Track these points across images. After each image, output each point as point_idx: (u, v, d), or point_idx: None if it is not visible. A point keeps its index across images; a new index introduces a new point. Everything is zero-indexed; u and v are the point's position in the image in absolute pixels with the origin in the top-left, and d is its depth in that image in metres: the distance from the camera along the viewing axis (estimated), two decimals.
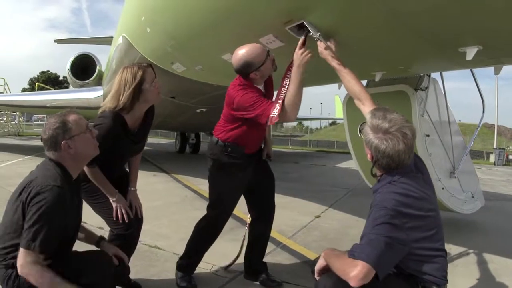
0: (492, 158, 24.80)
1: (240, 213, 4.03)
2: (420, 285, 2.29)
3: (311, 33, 3.09)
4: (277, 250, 4.85)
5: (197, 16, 4.17)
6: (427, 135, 5.39)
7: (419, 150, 4.90)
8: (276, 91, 3.41)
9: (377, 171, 2.45)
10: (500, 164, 23.26)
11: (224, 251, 4.29)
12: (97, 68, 22.20)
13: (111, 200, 3.23)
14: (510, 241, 5.91)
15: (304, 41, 3.17)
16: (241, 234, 4.09)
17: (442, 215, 2.42)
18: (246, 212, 4.00)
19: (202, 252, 3.80)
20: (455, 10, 2.67)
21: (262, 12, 3.38)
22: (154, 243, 4.85)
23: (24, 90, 73.53)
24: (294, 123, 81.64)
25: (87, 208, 3.26)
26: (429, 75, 5.41)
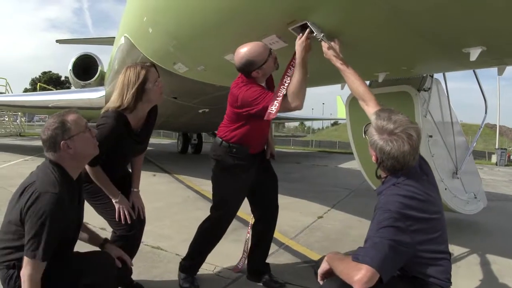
0: (494, 159, 24.76)
1: (243, 214, 4.01)
2: None
3: (314, 34, 3.08)
4: (279, 251, 4.85)
5: (199, 16, 4.16)
6: (430, 136, 5.38)
7: (422, 151, 4.88)
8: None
9: (382, 173, 2.44)
10: (502, 165, 23.23)
11: (227, 252, 4.28)
12: (99, 68, 22.26)
13: (113, 201, 3.21)
14: None
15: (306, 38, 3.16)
16: (243, 235, 4.07)
17: (444, 215, 2.41)
18: (249, 213, 4.00)
19: (205, 253, 3.78)
20: (459, 11, 2.66)
21: (265, 12, 3.36)
22: (156, 244, 4.84)
23: (26, 90, 73.64)
24: (296, 123, 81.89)
25: (89, 208, 3.26)
26: (432, 76, 5.40)
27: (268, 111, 3.12)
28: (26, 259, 2.29)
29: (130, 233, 3.24)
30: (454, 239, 5.08)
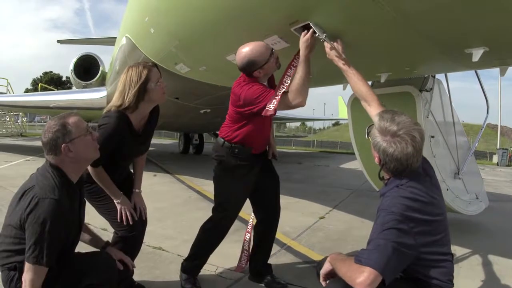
0: (495, 159, 24.73)
1: (245, 214, 4.00)
2: None
3: (317, 34, 3.08)
4: (281, 252, 4.84)
5: (201, 16, 4.16)
6: (432, 136, 5.38)
7: (424, 152, 4.88)
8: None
9: (385, 174, 2.43)
10: (503, 165, 23.20)
11: (229, 252, 4.26)
12: (100, 68, 22.25)
13: (115, 202, 3.20)
14: None
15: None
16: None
17: (447, 217, 2.40)
18: (250, 213, 3.99)
19: (207, 254, 3.77)
20: (462, 11, 2.66)
21: (268, 12, 3.36)
22: (158, 244, 4.84)
23: (27, 90, 73.79)
24: (297, 124, 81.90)
25: (91, 209, 3.26)
26: (434, 76, 5.39)
27: (266, 108, 3.13)
28: (27, 265, 2.28)
29: (132, 234, 3.23)
30: (456, 239, 5.06)
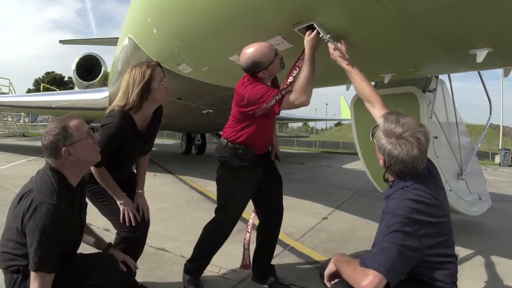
0: (497, 159, 24.64)
1: (248, 215, 3.99)
2: None
3: (320, 35, 3.07)
4: (284, 253, 4.83)
5: (204, 17, 4.15)
6: (435, 137, 5.36)
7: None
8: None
9: (389, 176, 2.42)
10: (505, 165, 23.11)
11: (232, 253, 4.25)
12: (103, 69, 22.30)
13: (118, 202, 3.19)
14: None
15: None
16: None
17: (451, 219, 2.39)
18: (250, 213, 3.99)
19: (210, 255, 3.76)
20: (466, 11, 2.65)
21: (271, 13, 3.35)
22: (161, 245, 4.83)
23: (29, 91, 73.78)
24: (299, 124, 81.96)
25: (93, 209, 3.25)
26: (437, 77, 5.38)
27: (264, 105, 3.14)
28: (32, 273, 2.27)
29: (134, 236, 3.22)
30: (459, 240, 5.00)
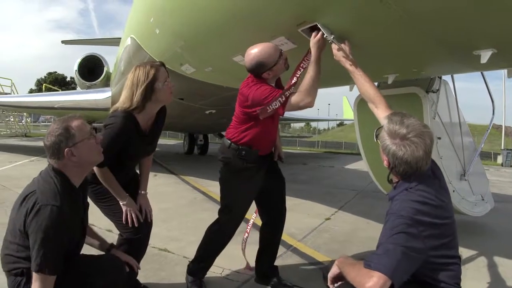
0: (499, 159, 24.61)
1: (250, 216, 3.99)
2: None
3: (324, 36, 3.06)
4: (287, 253, 4.83)
5: (207, 17, 4.14)
6: (439, 138, 5.35)
7: None
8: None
9: (394, 177, 2.42)
10: (508, 165, 23.06)
11: (236, 254, 4.23)
12: (105, 69, 22.33)
13: (121, 203, 3.19)
14: None
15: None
16: (253, 237, 4.05)
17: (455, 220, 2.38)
18: (251, 213, 3.98)
19: (213, 256, 3.75)
20: (470, 12, 2.64)
21: (275, 13, 3.34)
22: (163, 246, 4.83)
23: (31, 91, 74.06)
24: (302, 124, 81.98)
25: (96, 210, 3.25)
26: (440, 77, 5.36)
27: (266, 107, 3.13)
28: (34, 274, 2.27)
29: (137, 237, 3.22)
30: (462, 241, 4.96)
